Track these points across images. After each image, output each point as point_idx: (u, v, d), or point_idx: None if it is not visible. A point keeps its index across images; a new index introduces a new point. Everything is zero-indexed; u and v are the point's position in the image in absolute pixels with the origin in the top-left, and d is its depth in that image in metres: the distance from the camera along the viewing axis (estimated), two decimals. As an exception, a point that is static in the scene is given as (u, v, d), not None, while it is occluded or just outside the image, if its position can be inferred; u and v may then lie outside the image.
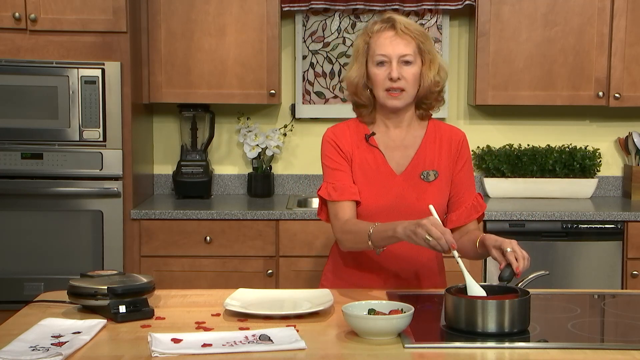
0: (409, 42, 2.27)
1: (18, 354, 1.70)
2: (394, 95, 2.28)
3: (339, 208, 2.30)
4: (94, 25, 3.59)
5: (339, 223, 2.29)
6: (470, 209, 2.37)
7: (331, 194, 2.31)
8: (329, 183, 2.34)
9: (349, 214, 2.29)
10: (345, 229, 2.27)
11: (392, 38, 2.27)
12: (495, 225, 3.60)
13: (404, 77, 2.27)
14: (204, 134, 4.12)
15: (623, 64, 3.88)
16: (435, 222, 2.00)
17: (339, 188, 2.31)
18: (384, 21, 2.31)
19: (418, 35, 2.29)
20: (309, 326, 1.95)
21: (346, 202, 2.30)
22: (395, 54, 2.26)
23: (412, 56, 2.27)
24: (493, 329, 1.86)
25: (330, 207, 2.33)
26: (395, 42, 2.27)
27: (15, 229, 3.61)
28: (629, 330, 2.03)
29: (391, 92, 2.28)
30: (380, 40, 2.28)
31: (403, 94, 2.29)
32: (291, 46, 4.21)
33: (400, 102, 2.30)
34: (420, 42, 2.29)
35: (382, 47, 2.28)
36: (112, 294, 2.00)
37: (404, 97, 2.29)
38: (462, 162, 2.38)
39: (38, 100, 3.57)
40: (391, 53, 2.27)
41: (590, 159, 4.09)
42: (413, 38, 2.28)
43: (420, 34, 2.30)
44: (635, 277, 3.66)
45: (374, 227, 2.15)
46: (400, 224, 2.07)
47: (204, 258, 3.66)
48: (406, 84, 2.28)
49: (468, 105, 4.25)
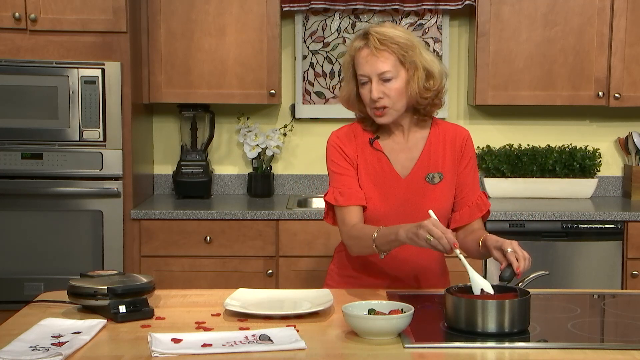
0: (387, 57, 2.22)
1: (18, 354, 1.70)
2: (379, 114, 2.27)
3: (345, 213, 2.30)
4: (94, 25, 3.59)
5: (346, 229, 2.29)
6: (473, 208, 2.36)
7: (338, 199, 2.31)
8: (335, 188, 2.33)
9: (355, 218, 2.29)
10: (351, 235, 2.27)
11: (368, 57, 2.22)
12: (495, 225, 3.60)
13: (386, 94, 2.23)
14: (204, 134, 4.12)
15: (623, 64, 3.88)
16: (435, 222, 2.00)
17: (346, 193, 2.30)
18: (361, 37, 2.26)
19: (397, 48, 2.21)
20: (309, 326, 1.94)
21: (353, 207, 2.29)
22: (373, 73, 2.22)
23: (391, 72, 2.22)
24: (493, 329, 1.86)
25: (338, 212, 2.33)
26: (372, 60, 2.22)
27: (15, 229, 3.61)
28: (629, 330, 2.03)
29: (375, 111, 2.26)
30: (359, 59, 2.25)
31: (388, 111, 2.26)
32: (291, 46, 4.21)
33: (387, 118, 2.28)
34: (400, 54, 2.22)
35: (360, 67, 2.25)
36: (112, 294, 2.00)
37: (390, 113, 2.27)
38: (466, 161, 2.37)
39: (38, 100, 3.57)
40: (369, 72, 2.23)
41: (590, 159, 4.09)
42: (391, 53, 2.22)
43: (399, 46, 2.21)
44: (635, 277, 3.66)
45: (378, 231, 2.15)
46: (403, 228, 2.06)
47: (204, 258, 3.66)
48: (389, 101, 2.24)
49: (468, 105, 4.25)
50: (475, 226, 2.36)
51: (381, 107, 2.25)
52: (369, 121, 2.35)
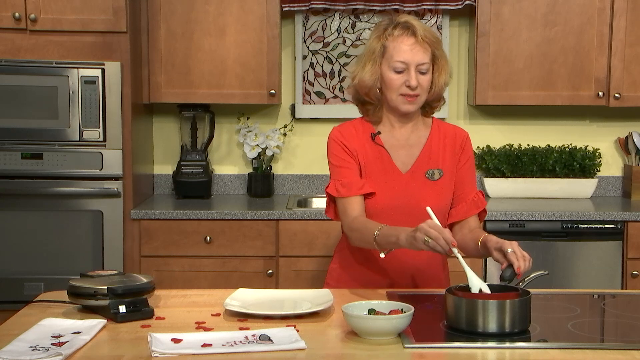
0: (427, 50, 2.29)
1: (18, 354, 1.70)
2: (410, 101, 2.31)
3: (347, 204, 2.31)
4: (94, 25, 3.59)
5: (348, 220, 2.30)
6: (470, 204, 2.39)
7: (339, 190, 2.32)
8: (336, 180, 2.35)
9: (357, 209, 2.30)
10: (353, 227, 2.28)
11: (413, 45, 2.27)
12: (495, 225, 3.60)
13: (420, 85, 2.29)
14: (204, 134, 4.12)
15: (623, 64, 3.88)
16: (432, 224, 2.02)
17: (347, 184, 2.32)
18: (403, 26, 2.30)
19: (434, 42, 2.30)
20: (309, 326, 1.95)
21: (354, 197, 2.32)
22: (414, 62, 2.27)
23: (428, 64, 2.29)
24: (494, 329, 1.86)
25: (339, 203, 2.34)
26: (416, 49, 2.27)
27: (15, 229, 3.61)
28: (629, 330, 2.03)
29: (407, 98, 2.30)
30: (399, 45, 2.28)
31: (417, 100, 2.32)
32: (291, 46, 4.21)
33: (414, 107, 2.33)
34: (435, 49, 2.31)
35: (401, 53, 2.28)
36: (112, 294, 2.00)
37: (418, 102, 2.33)
38: (465, 160, 2.41)
39: (38, 100, 3.57)
40: (410, 61, 2.27)
41: (590, 159, 4.09)
42: (430, 45, 2.29)
43: (436, 41, 2.31)
44: (635, 277, 3.66)
45: (379, 230, 2.16)
46: (403, 232, 2.08)
47: (204, 258, 3.66)
48: (421, 91, 2.30)
49: (468, 105, 4.25)
50: (472, 224, 2.39)
51: (415, 95, 2.30)
52: (374, 108, 2.37)
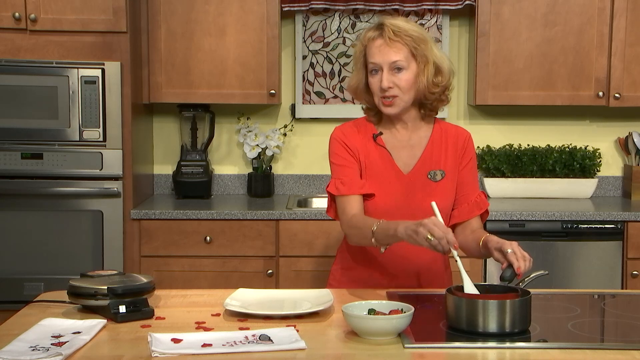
0: (400, 48, 2.26)
1: (18, 354, 1.70)
2: (387, 104, 2.30)
3: (346, 202, 2.31)
4: (94, 25, 3.59)
5: (346, 218, 2.30)
6: (472, 205, 2.38)
7: (339, 189, 2.32)
8: (337, 179, 2.35)
9: (356, 208, 2.30)
10: (351, 224, 2.28)
11: (381, 46, 2.27)
12: (495, 225, 3.60)
13: (396, 84, 2.27)
14: (204, 134, 4.12)
15: (623, 64, 3.88)
16: (437, 222, 2.01)
17: (347, 183, 2.33)
18: (376, 28, 2.31)
19: (410, 40, 2.27)
20: (309, 326, 1.95)
21: (354, 196, 2.32)
22: (385, 62, 2.27)
23: (404, 62, 2.26)
24: (494, 329, 1.86)
25: (339, 202, 2.34)
26: (385, 50, 2.27)
27: (15, 229, 3.61)
28: (629, 330, 2.03)
29: (384, 100, 2.30)
30: (372, 49, 2.29)
31: (396, 100, 2.29)
32: (291, 46, 4.21)
33: (394, 109, 2.31)
34: (413, 47, 2.27)
35: (372, 55, 2.29)
36: (112, 294, 2.00)
37: (398, 103, 2.30)
38: (467, 160, 2.40)
39: (38, 100, 3.57)
40: (381, 61, 2.27)
41: (590, 159, 4.09)
42: (404, 44, 2.26)
43: (412, 39, 2.27)
44: (635, 277, 3.66)
45: (377, 224, 2.16)
46: (402, 224, 2.07)
47: (204, 258, 3.66)
48: (398, 91, 2.28)
49: (468, 105, 4.25)
50: (475, 225, 2.38)
51: (390, 96, 2.28)
52: (374, 112, 2.38)
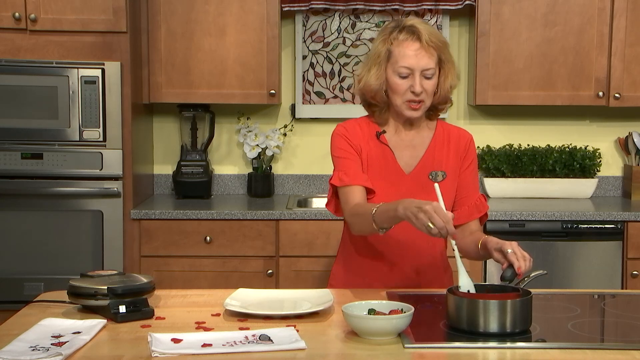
0: (432, 54, 2.26)
1: (18, 354, 1.70)
2: (414, 107, 2.29)
3: (349, 193, 2.30)
4: (94, 25, 3.59)
5: (349, 207, 2.29)
6: (472, 208, 2.38)
7: (343, 179, 2.31)
8: (340, 171, 2.34)
9: (359, 198, 2.29)
10: (353, 212, 2.27)
11: (418, 51, 2.24)
12: (495, 225, 3.60)
13: (425, 90, 2.27)
14: (204, 134, 4.12)
15: (623, 64, 3.88)
16: (438, 209, 1.98)
17: (351, 174, 2.32)
18: (409, 31, 2.26)
19: (440, 46, 2.27)
20: (309, 326, 1.94)
21: (357, 187, 2.31)
22: (419, 68, 2.25)
23: (434, 69, 2.27)
24: (495, 329, 1.85)
25: (341, 193, 2.33)
26: (420, 55, 2.24)
27: (15, 229, 3.61)
28: (629, 330, 2.03)
29: (411, 104, 2.28)
30: (404, 50, 2.25)
31: (422, 106, 2.30)
32: (291, 46, 4.21)
33: (419, 113, 2.31)
34: (441, 53, 2.27)
35: (406, 58, 2.25)
36: (112, 294, 2.00)
37: (423, 108, 2.31)
38: (468, 163, 2.40)
39: (38, 100, 3.57)
40: (415, 66, 2.25)
41: (590, 159, 4.09)
42: (436, 50, 2.26)
43: (442, 44, 2.28)
44: (635, 277, 3.66)
45: (377, 207, 2.14)
46: (402, 204, 2.04)
47: (204, 258, 3.66)
48: (426, 96, 2.28)
49: (468, 105, 4.25)
50: (474, 227, 2.38)
51: (419, 101, 2.28)
52: (380, 110, 2.36)
